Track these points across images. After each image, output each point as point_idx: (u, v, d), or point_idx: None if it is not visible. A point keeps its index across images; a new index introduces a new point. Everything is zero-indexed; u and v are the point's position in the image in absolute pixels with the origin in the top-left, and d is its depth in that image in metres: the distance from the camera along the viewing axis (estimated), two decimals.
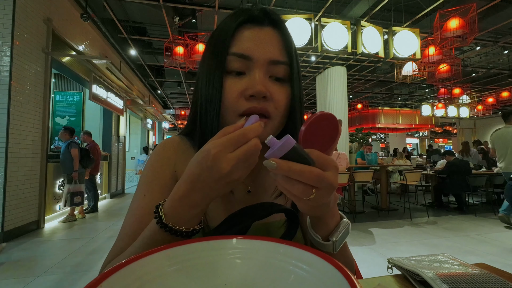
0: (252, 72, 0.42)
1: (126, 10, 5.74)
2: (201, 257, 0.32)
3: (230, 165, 0.30)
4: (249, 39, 0.43)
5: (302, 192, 0.28)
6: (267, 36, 0.43)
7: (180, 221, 0.34)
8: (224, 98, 0.42)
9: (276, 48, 0.43)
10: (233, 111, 0.42)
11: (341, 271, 0.25)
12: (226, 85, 0.42)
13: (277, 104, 0.42)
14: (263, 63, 0.42)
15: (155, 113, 10.91)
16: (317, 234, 0.37)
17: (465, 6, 4.23)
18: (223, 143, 0.30)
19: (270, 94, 0.42)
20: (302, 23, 3.96)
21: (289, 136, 0.28)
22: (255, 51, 0.42)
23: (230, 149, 0.30)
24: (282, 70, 0.43)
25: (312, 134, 0.30)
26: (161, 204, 0.35)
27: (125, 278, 0.26)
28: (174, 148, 0.50)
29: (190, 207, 0.33)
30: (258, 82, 0.40)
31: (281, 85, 0.43)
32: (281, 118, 0.44)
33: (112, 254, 0.41)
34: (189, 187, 0.32)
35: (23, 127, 3.61)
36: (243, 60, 0.42)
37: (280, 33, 0.44)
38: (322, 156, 0.29)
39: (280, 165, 0.27)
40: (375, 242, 3.35)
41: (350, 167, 5.04)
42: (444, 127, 19.29)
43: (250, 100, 0.41)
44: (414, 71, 6.12)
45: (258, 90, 0.40)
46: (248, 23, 0.44)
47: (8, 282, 2.30)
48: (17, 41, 3.50)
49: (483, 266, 0.53)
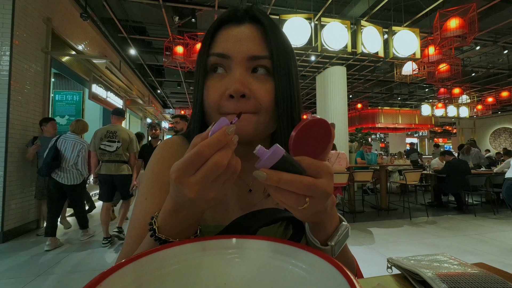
0: (232, 71, 0.41)
1: (126, 10, 5.73)
2: (200, 257, 0.32)
3: (194, 190, 0.27)
4: (228, 38, 0.42)
5: (295, 202, 0.28)
6: (246, 32, 0.42)
7: (173, 233, 0.33)
8: (207, 99, 0.42)
9: (255, 43, 0.42)
10: (215, 111, 0.42)
11: (341, 271, 0.25)
12: (208, 86, 0.42)
13: (260, 100, 0.40)
14: (241, 60, 0.41)
15: (154, 113, 10.91)
16: (316, 239, 0.37)
17: (465, 6, 4.23)
18: (181, 167, 0.27)
19: (250, 91, 0.40)
20: (302, 23, 3.96)
21: (277, 145, 0.27)
22: (233, 49, 0.41)
23: (189, 172, 0.27)
24: (264, 65, 0.42)
25: (303, 141, 0.29)
26: (156, 215, 0.35)
27: (124, 277, 0.26)
28: (174, 149, 0.49)
29: (179, 221, 0.33)
30: (235, 81, 0.39)
31: (265, 80, 0.42)
32: (268, 114, 0.42)
33: (120, 259, 0.41)
34: (174, 203, 0.31)
35: (23, 127, 3.61)
36: (222, 60, 0.41)
37: (260, 28, 0.43)
38: (314, 163, 0.28)
39: (270, 176, 0.26)
40: (374, 241, 3.35)
41: (350, 166, 5.05)
42: (444, 127, 19.30)
43: (230, 100, 0.40)
44: (414, 70, 6.12)
45: (235, 88, 0.39)
46: (227, 22, 0.44)
47: (8, 282, 2.30)
48: (17, 40, 3.49)
49: (483, 265, 0.53)
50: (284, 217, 0.42)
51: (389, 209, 5.01)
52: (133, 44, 6.65)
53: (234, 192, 0.48)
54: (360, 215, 4.71)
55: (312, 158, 0.29)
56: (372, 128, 13.00)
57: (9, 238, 3.34)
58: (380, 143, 21.71)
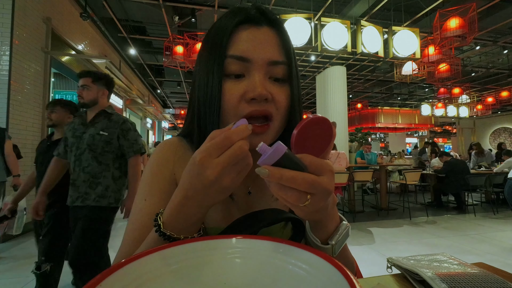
0: (251, 74, 0.41)
1: (126, 9, 5.73)
2: (200, 257, 0.32)
3: (216, 171, 0.29)
4: (247, 40, 0.42)
5: (297, 199, 0.28)
6: (265, 36, 0.42)
7: (178, 229, 0.34)
8: (224, 102, 0.41)
9: (274, 49, 0.42)
10: (234, 115, 0.41)
11: (341, 270, 0.25)
12: (225, 89, 0.41)
13: (278, 105, 0.42)
14: (262, 65, 0.41)
15: (154, 113, 10.90)
16: (316, 238, 0.37)
17: (465, 6, 4.23)
18: (207, 148, 0.29)
19: (271, 96, 0.41)
20: (301, 23, 3.96)
21: (280, 142, 0.27)
22: (254, 52, 0.41)
23: (215, 154, 0.29)
24: (281, 71, 0.42)
25: (305, 139, 0.30)
26: (161, 212, 0.35)
27: (124, 277, 0.26)
28: (172, 150, 0.49)
29: (186, 216, 0.33)
30: (258, 85, 0.40)
31: (280, 85, 0.43)
32: (282, 119, 0.43)
33: (118, 260, 0.41)
34: (183, 196, 0.32)
35: (22, 127, 3.61)
36: (241, 63, 0.41)
37: (277, 33, 0.44)
38: (316, 161, 0.29)
39: (272, 173, 0.27)
40: (374, 241, 3.35)
41: (350, 166, 5.05)
42: (444, 126, 19.32)
43: (251, 103, 0.40)
44: (414, 70, 6.12)
45: (259, 93, 0.39)
46: (245, 23, 0.43)
47: (8, 281, 2.30)
48: (17, 40, 3.49)
49: (482, 265, 0.53)
50: (284, 218, 0.42)
51: (389, 209, 5.01)
52: (133, 44, 6.65)
53: (234, 193, 0.48)
54: (360, 215, 4.71)
55: (314, 156, 0.29)
56: (372, 128, 13.00)
57: (9, 238, 3.34)
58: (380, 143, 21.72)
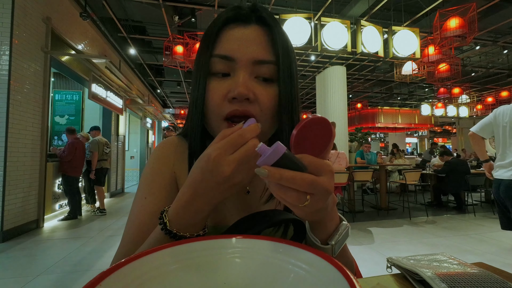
0: (236, 74, 0.40)
1: (126, 9, 5.73)
2: (200, 256, 0.32)
3: (231, 167, 0.30)
4: (233, 39, 0.41)
5: (296, 199, 0.28)
6: (252, 34, 0.41)
7: (184, 227, 0.34)
8: (208, 101, 0.41)
9: (261, 47, 0.41)
10: (217, 114, 0.41)
11: (341, 270, 0.25)
12: (210, 88, 0.41)
13: (262, 106, 0.40)
14: (246, 64, 0.40)
15: (154, 112, 10.89)
16: (316, 238, 0.37)
17: (465, 6, 4.23)
18: (223, 146, 0.30)
19: (255, 96, 0.40)
20: (301, 23, 3.96)
21: (279, 142, 0.27)
22: (238, 51, 0.40)
23: (229, 151, 0.30)
24: (268, 70, 0.41)
25: (304, 139, 0.30)
26: (166, 210, 0.35)
27: (124, 277, 0.26)
28: (172, 149, 0.50)
29: (194, 213, 0.33)
30: (240, 84, 0.39)
31: (268, 85, 0.42)
32: (269, 120, 0.42)
33: (117, 259, 0.41)
34: (193, 193, 0.32)
35: (22, 126, 3.61)
36: (226, 62, 0.40)
37: (267, 31, 0.42)
38: (315, 161, 0.29)
39: (271, 173, 0.26)
40: (374, 241, 3.35)
41: (350, 166, 5.05)
42: (444, 126, 19.33)
43: (233, 102, 0.39)
44: (414, 70, 6.12)
45: (239, 92, 0.38)
46: (233, 22, 0.42)
47: (8, 281, 2.30)
48: (16, 40, 3.48)
49: (482, 265, 0.53)
50: (285, 219, 0.42)
51: (388, 209, 5.02)
52: (133, 44, 6.65)
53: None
54: (359, 214, 4.71)
55: (313, 156, 0.29)
56: (372, 128, 13.02)
57: (9, 238, 3.34)
58: (380, 143, 21.72)
